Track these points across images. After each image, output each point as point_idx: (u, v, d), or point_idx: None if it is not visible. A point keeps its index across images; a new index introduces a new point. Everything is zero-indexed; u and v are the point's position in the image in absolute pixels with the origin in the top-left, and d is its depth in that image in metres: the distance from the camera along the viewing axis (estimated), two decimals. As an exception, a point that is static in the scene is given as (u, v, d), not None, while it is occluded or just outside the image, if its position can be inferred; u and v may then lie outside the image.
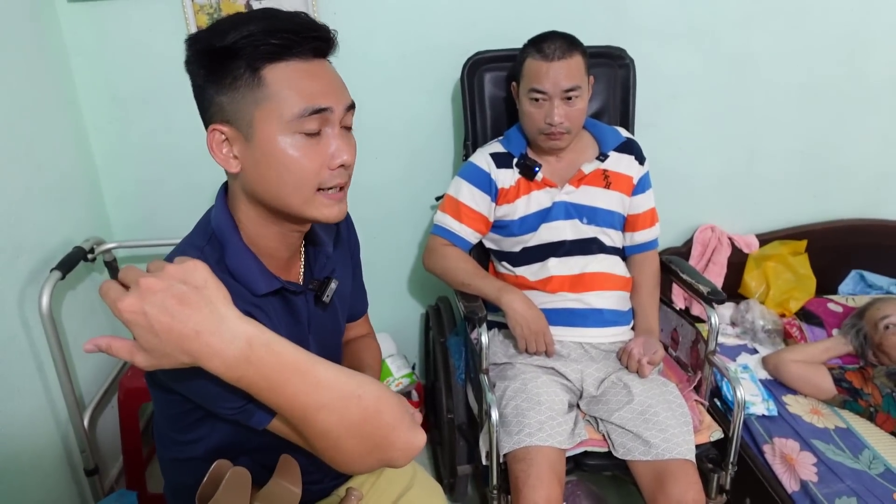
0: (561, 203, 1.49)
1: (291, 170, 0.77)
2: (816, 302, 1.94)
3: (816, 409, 1.60)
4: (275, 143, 0.76)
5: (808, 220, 2.05)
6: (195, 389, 0.75)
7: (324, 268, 0.96)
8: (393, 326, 2.01)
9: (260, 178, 0.79)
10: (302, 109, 0.76)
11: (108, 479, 1.71)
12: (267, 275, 0.85)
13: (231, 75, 0.75)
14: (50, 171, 1.57)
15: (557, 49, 1.37)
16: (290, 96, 0.75)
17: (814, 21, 1.83)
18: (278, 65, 0.75)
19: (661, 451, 1.26)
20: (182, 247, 0.84)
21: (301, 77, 0.76)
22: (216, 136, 0.79)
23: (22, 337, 1.42)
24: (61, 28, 1.64)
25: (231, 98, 0.76)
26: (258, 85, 0.75)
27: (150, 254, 1.89)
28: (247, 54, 0.74)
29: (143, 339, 0.62)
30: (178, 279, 0.63)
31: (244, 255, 0.83)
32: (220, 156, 0.80)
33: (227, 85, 0.76)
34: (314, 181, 0.79)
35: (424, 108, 1.83)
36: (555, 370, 1.43)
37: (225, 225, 0.83)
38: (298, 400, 0.67)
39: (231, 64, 0.75)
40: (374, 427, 0.71)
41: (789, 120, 1.95)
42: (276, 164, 0.77)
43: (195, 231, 0.87)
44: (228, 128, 0.78)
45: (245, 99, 0.76)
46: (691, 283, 1.52)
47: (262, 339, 0.65)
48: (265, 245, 0.85)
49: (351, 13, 1.69)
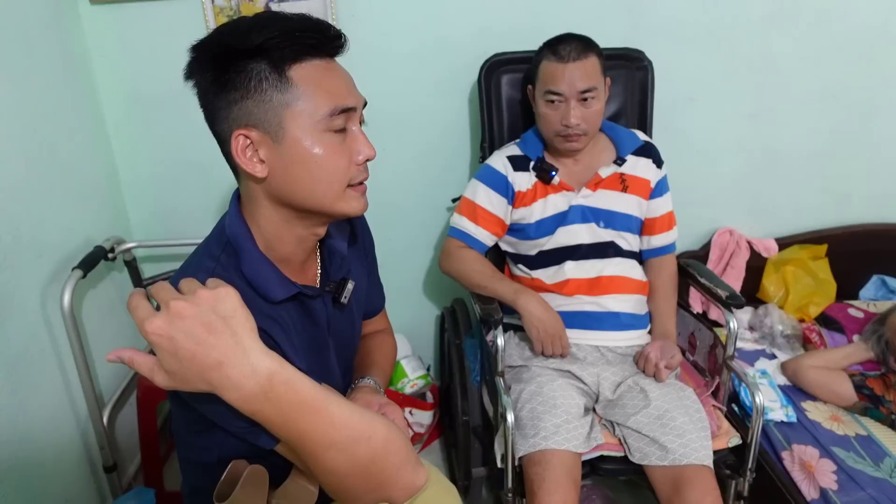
0: (578, 207, 1.48)
1: (325, 168, 0.79)
2: (837, 307, 1.92)
3: (836, 416, 1.57)
4: (307, 142, 0.77)
5: (829, 223, 2.02)
6: (205, 405, 0.75)
7: (340, 269, 0.96)
8: (408, 328, 2.01)
9: (291, 179, 0.79)
10: (332, 108, 0.77)
11: (127, 476, 1.73)
12: (283, 281, 0.85)
13: (256, 78, 0.75)
14: (72, 171, 1.59)
15: (573, 50, 1.37)
16: (319, 95, 0.77)
17: (835, 22, 1.81)
18: (302, 65, 0.77)
19: (678, 456, 1.25)
20: (198, 255, 0.85)
21: (325, 76, 0.78)
22: (241, 140, 0.79)
23: (44, 335, 1.44)
24: (84, 30, 1.67)
25: (257, 101, 0.76)
26: (286, 86, 0.76)
27: (168, 253, 1.92)
28: (274, 55, 0.75)
29: (165, 361, 0.63)
30: (209, 306, 0.63)
31: (260, 262, 0.83)
32: (245, 161, 0.79)
33: (251, 88, 0.76)
34: (345, 177, 0.81)
35: (440, 110, 1.83)
36: (571, 373, 1.42)
37: (239, 233, 0.83)
38: (310, 437, 0.68)
39: (254, 66, 0.75)
40: (380, 468, 0.72)
41: (809, 122, 1.92)
42: (309, 164, 0.78)
43: (210, 239, 0.87)
44: (255, 132, 0.78)
45: (273, 101, 0.76)
46: (710, 288, 1.51)
47: (283, 377, 0.65)
48: (282, 249, 0.86)
49: (368, 15, 1.70)
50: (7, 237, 1.33)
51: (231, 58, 0.76)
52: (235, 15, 1.66)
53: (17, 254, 1.35)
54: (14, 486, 1.31)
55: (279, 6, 1.66)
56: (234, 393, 0.63)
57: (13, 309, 1.34)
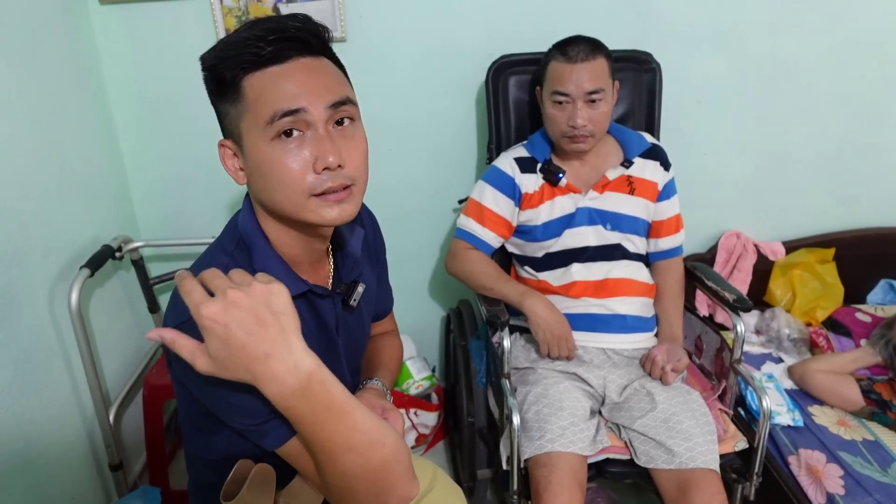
0: (585, 209, 1.48)
1: (276, 177, 0.76)
2: (844, 311, 1.91)
3: (843, 421, 1.57)
4: (258, 151, 0.77)
5: (837, 227, 2.01)
6: (213, 398, 0.76)
7: (351, 271, 0.97)
8: (413, 329, 2.01)
9: (258, 189, 0.81)
10: (272, 114, 0.74)
11: (132, 474, 1.74)
12: (293, 278, 0.85)
13: (222, 90, 0.78)
14: (80, 170, 1.60)
15: (581, 51, 1.37)
16: (261, 102, 0.75)
17: (844, 24, 1.80)
18: (255, 74, 0.76)
19: (684, 459, 1.24)
20: (213, 251, 0.86)
21: (274, 82, 0.75)
22: (225, 150, 0.83)
23: (51, 333, 1.45)
24: (93, 30, 1.68)
25: (227, 113, 0.80)
26: (240, 97, 0.77)
27: (175, 253, 1.92)
28: (227, 68, 0.76)
29: (213, 347, 0.64)
30: (263, 299, 0.65)
31: (271, 259, 0.84)
32: (231, 169, 0.83)
33: (223, 100, 0.79)
34: (301, 186, 0.76)
35: (447, 111, 1.83)
36: (577, 376, 1.42)
37: (251, 229, 0.84)
38: (334, 439, 0.70)
39: (222, 80, 0.77)
40: (387, 474, 0.73)
41: (817, 125, 1.91)
42: (263, 173, 0.78)
43: (224, 235, 0.88)
44: (231, 142, 0.81)
45: (234, 112, 0.78)
46: (717, 291, 1.50)
47: (320, 377, 0.67)
48: (288, 251, 0.87)
49: (376, 15, 1.70)
50: (16, 236, 1.33)
51: (210, 72, 0.78)
52: (244, 15, 1.66)
53: (25, 252, 1.36)
54: (21, 483, 1.31)
55: (287, 7, 1.66)
56: (274, 387, 0.65)
57: (21, 307, 1.34)
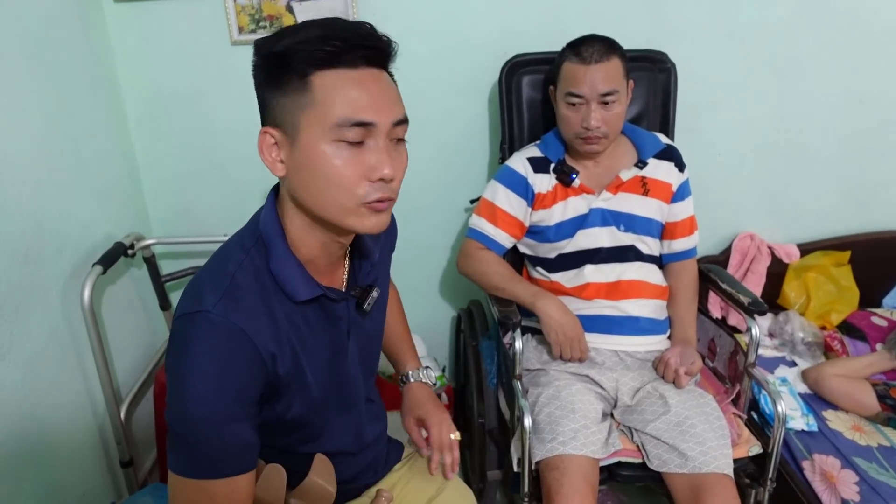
0: (598, 210, 1.47)
1: (331, 178, 0.76)
2: (859, 315, 1.88)
3: (858, 426, 1.55)
4: (316, 149, 0.76)
5: (852, 230, 1.99)
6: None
7: (368, 275, 0.96)
8: (424, 329, 2.00)
9: (302, 185, 0.79)
10: (343, 118, 0.75)
11: (143, 470, 1.74)
12: (309, 282, 0.85)
13: (283, 79, 0.76)
14: (93, 167, 1.60)
15: (595, 52, 1.36)
16: (333, 103, 0.75)
17: (861, 23, 1.78)
18: (327, 72, 0.75)
19: (698, 464, 1.23)
20: (232, 246, 0.86)
21: (347, 85, 0.76)
22: (266, 138, 0.80)
23: (64, 329, 1.46)
24: (108, 28, 1.68)
25: (281, 102, 0.77)
26: (306, 90, 0.75)
27: (187, 250, 1.93)
28: (297, 59, 0.75)
29: None
30: None
31: (288, 261, 0.83)
32: (268, 159, 0.80)
33: (279, 89, 0.77)
34: (354, 192, 0.77)
35: (460, 110, 1.82)
36: (589, 378, 1.41)
37: (272, 229, 0.84)
38: None
39: (284, 68, 0.76)
40: None
41: (833, 126, 1.89)
42: (316, 171, 0.77)
43: (245, 231, 0.88)
44: (277, 131, 0.79)
45: (294, 103, 0.76)
46: (731, 293, 1.49)
47: None
48: (307, 252, 0.86)
49: (389, 13, 1.70)
50: (30, 232, 1.34)
51: (270, 59, 0.77)
52: (257, 14, 1.66)
53: (39, 249, 1.37)
54: (33, 478, 1.32)
55: (301, 5, 1.66)
56: None
57: (35, 303, 1.35)
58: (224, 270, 0.80)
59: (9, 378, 1.26)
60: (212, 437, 0.75)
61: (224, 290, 0.77)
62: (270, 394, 0.83)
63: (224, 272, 0.80)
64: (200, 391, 0.74)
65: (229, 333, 0.76)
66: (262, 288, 0.81)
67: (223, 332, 0.76)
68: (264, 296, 0.81)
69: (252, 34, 1.68)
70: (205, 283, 0.79)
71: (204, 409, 0.74)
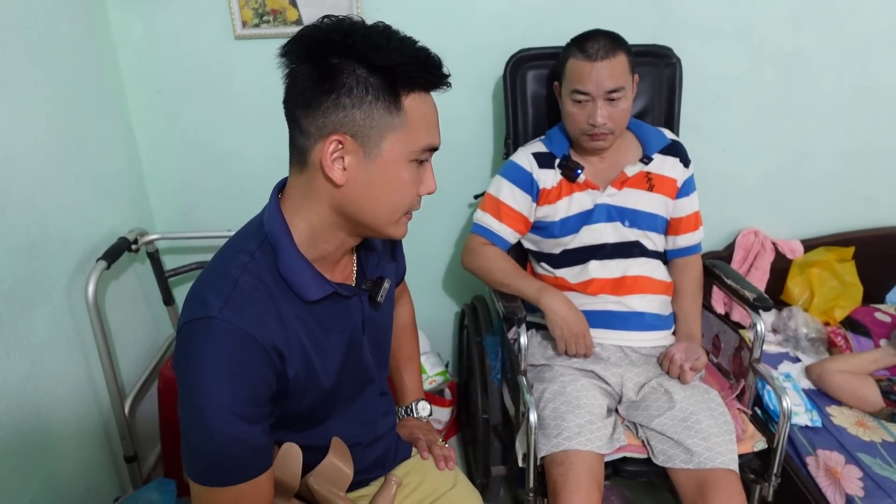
0: (603, 205, 1.47)
1: (400, 193, 0.82)
2: (863, 311, 1.88)
3: (862, 422, 1.55)
4: (397, 167, 0.80)
5: (856, 226, 1.99)
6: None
7: (376, 268, 0.97)
8: (427, 324, 2.00)
9: (368, 195, 0.81)
10: (427, 144, 0.82)
11: (146, 466, 1.75)
12: (320, 281, 0.85)
13: (372, 93, 0.76)
14: (97, 163, 1.60)
15: (601, 49, 1.35)
16: (422, 128, 0.81)
17: (867, 19, 1.77)
18: (413, 95, 0.79)
19: (703, 459, 1.23)
20: (232, 250, 0.85)
21: (428, 112, 0.82)
22: (335, 145, 0.78)
23: (69, 324, 1.45)
24: (109, 22, 1.67)
25: (367, 114, 0.77)
26: (397, 111, 0.78)
27: (190, 245, 1.92)
28: (401, 79, 0.77)
29: None
30: None
31: (298, 262, 0.83)
32: (329, 164, 0.78)
33: (364, 101, 0.76)
34: (408, 205, 0.85)
35: (463, 105, 1.81)
36: (594, 373, 1.41)
37: (279, 231, 0.83)
38: None
39: (373, 82, 0.76)
40: None
41: (838, 122, 1.89)
42: (390, 187, 0.81)
43: (246, 234, 0.87)
44: (351, 140, 0.78)
45: (382, 120, 0.78)
46: (736, 289, 1.49)
47: None
48: (322, 248, 0.86)
49: (394, 8, 1.69)
50: (34, 228, 1.33)
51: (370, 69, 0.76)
52: (261, 8, 1.65)
53: (43, 244, 1.36)
54: (37, 473, 1.32)
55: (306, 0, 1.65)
56: None
57: (40, 298, 1.35)
58: (227, 275, 0.79)
59: (14, 373, 1.26)
60: (234, 443, 0.76)
61: (229, 295, 0.77)
62: (281, 393, 0.83)
63: (227, 276, 0.79)
64: (217, 398, 0.74)
65: (237, 337, 0.76)
66: (269, 290, 0.81)
67: (231, 336, 0.75)
68: (272, 298, 0.81)
69: (255, 28, 1.68)
70: (208, 289, 0.79)
71: (223, 416, 0.75)
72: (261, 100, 1.75)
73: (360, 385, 0.98)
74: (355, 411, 0.98)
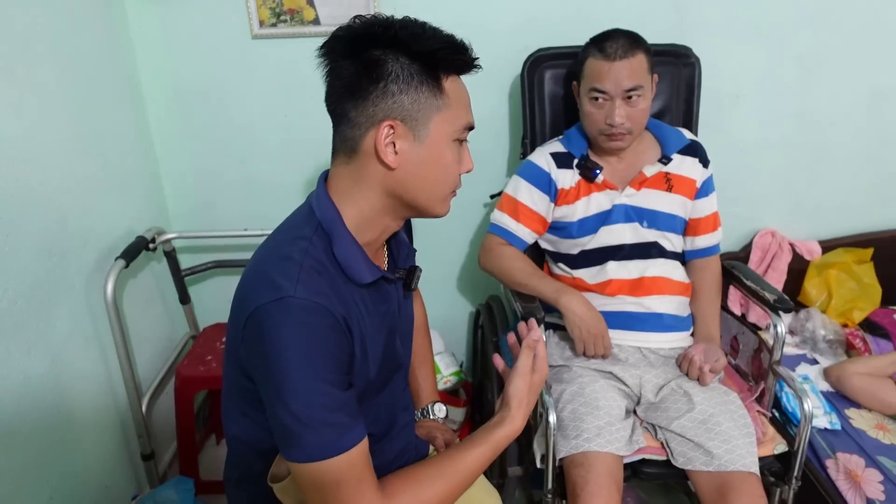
0: (621, 206, 1.46)
1: (448, 172, 0.88)
2: (882, 312, 1.87)
3: (882, 425, 1.54)
4: (443, 146, 0.85)
5: (875, 227, 1.97)
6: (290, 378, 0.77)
7: (407, 258, 1.01)
8: (442, 324, 2.00)
9: (420, 175, 0.85)
10: (467, 123, 0.88)
11: (163, 464, 1.75)
12: (370, 265, 0.88)
13: (417, 79, 0.82)
14: (115, 162, 1.61)
15: (619, 48, 1.34)
16: (461, 108, 0.87)
17: (886, 20, 1.75)
18: (451, 78, 0.85)
19: (724, 462, 1.22)
20: (289, 237, 0.86)
21: (464, 93, 0.88)
22: (387, 130, 0.82)
23: (88, 323, 1.46)
24: (128, 21, 1.68)
25: (414, 99, 0.82)
26: (440, 93, 0.83)
27: (207, 244, 1.93)
28: (439, 63, 0.83)
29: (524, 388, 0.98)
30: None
31: (352, 246, 0.86)
32: (389, 152, 0.83)
33: (411, 86, 0.82)
34: (455, 184, 0.90)
35: (480, 104, 1.75)
36: (613, 375, 1.40)
37: (332, 217, 0.86)
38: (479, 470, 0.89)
39: (417, 68, 0.82)
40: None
41: (857, 121, 1.87)
42: (439, 166, 0.86)
43: (298, 221, 0.89)
44: (402, 125, 0.82)
45: (428, 103, 0.83)
46: (756, 290, 1.47)
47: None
48: (368, 235, 0.89)
49: (410, 6, 1.69)
50: (54, 226, 1.34)
51: (412, 56, 0.81)
52: (278, 7, 1.66)
53: (63, 243, 1.37)
54: (56, 470, 1.33)
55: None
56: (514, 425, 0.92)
57: (59, 297, 1.36)
58: (291, 259, 0.81)
59: (35, 370, 1.27)
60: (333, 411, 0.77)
61: (298, 276, 0.79)
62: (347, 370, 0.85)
63: (290, 261, 0.81)
64: (307, 369, 0.76)
65: (314, 311, 0.77)
66: (329, 273, 0.83)
67: (308, 311, 0.77)
68: (332, 280, 0.83)
69: (273, 28, 1.68)
70: (275, 273, 0.79)
71: (317, 385, 0.76)
72: (277, 99, 1.76)
73: (391, 371, 1.00)
74: (383, 399, 0.99)
